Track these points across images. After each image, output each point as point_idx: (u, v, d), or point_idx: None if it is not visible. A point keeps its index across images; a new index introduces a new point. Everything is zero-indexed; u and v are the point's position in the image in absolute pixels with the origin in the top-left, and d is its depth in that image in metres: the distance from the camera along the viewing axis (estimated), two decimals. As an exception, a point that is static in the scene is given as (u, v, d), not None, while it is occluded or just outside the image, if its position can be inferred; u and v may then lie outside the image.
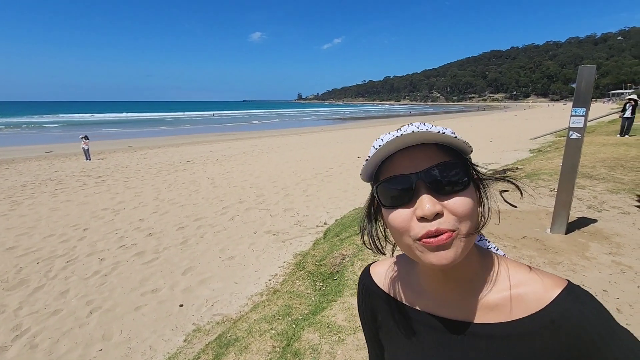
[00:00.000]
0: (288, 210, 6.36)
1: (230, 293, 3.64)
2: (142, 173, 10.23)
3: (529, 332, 0.48)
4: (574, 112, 3.56)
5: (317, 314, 2.34)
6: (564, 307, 0.46)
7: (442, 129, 0.47)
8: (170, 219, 6.05)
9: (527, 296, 0.49)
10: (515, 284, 0.50)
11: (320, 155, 12.57)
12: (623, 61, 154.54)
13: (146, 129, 31.45)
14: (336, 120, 44.18)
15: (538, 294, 0.48)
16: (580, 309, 0.46)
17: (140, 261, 4.46)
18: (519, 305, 0.49)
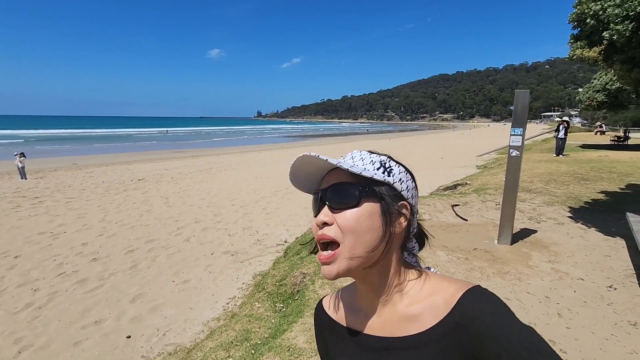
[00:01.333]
0: (247, 229, 6.19)
1: (184, 320, 3.42)
2: (87, 193, 9.46)
3: (441, 336, 0.51)
4: (513, 132, 3.90)
5: (277, 337, 2.26)
6: (464, 308, 0.50)
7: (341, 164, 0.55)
8: (118, 241, 5.62)
9: (438, 303, 0.53)
10: (430, 293, 0.55)
11: (281, 173, 12.50)
12: (551, 87, 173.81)
13: (94, 146, 29.36)
14: (296, 138, 44.45)
15: (446, 299, 0.52)
16: (478, 307, 0.49)
17: (81, 290, 4.06)
18: (431, 313, 0.53)
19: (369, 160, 0.58)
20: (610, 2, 3.46)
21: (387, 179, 0.55)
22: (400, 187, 0.56)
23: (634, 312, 2.70)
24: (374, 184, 0.55)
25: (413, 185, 0.59)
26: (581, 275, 3.31)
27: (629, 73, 4.01)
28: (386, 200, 0.54)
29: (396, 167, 0.58)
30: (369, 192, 0.54)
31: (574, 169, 9.41)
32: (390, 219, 0.54)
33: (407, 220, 0.56)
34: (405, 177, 0.58)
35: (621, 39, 3.42)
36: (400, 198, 0.56)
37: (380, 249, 0.54)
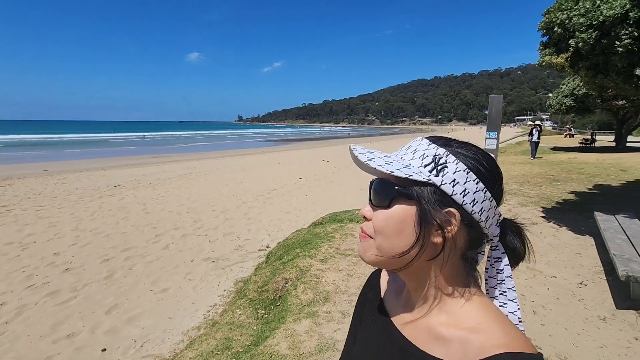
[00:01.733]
0: (228, 234, 6.09)
1: (163, 330, 3.32)
2: (59, 200, 9.07)
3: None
4: (488, 135, 4.03)
5: (259, 344, 2.23)
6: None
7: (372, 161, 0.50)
8: (93, 250, 5.41)
9: (472, 343, 0.46)
10: (473, 326, 0.47)
11: (262, 177, 12.41)
12: (523, 92, 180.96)
13: (67, 151, 28.21)
14: (277, 142, 44.28)
15: (482, 346, 0.45)
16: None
17: (53, 302, 3.87)
18: (461, 349, 0.46)
19: (420, 153, 0.50)
20: (575, 12, 3.65)
21: (432, 179, 0.48)
22: (451, 189, 0.47)
23: (602, 307, 2.83)
24: (413, 184, 0.49)
25: (479, 188, 0.48)
26: (554, 273, 3.44)
27: (594, 79, 4.23)
28: (423, 204, 0.48)
29: (453, 164, 0.48)
30: (403, 193, 0.49)
31: (546, 171, 9.81)
32: (427, 226, 0.48)
33: (456, 229, 0.48)
34: (465, 177, 0.48)
35: (585, 46, 3.61)
36: (451, 203, 0.48)
37: (409, 255, 0.49)
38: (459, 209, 0.48)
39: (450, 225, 0.48)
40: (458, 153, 0.49)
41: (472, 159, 0.49)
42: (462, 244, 0.50)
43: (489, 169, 0.50)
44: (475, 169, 0.49)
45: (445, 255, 0.49)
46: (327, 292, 2.88)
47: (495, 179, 0.50)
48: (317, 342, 2.22)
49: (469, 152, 0.50)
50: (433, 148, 0.50)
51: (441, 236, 0.48)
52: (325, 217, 5.43)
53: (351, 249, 3.90)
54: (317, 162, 17.14)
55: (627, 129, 17.46)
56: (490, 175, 0.50)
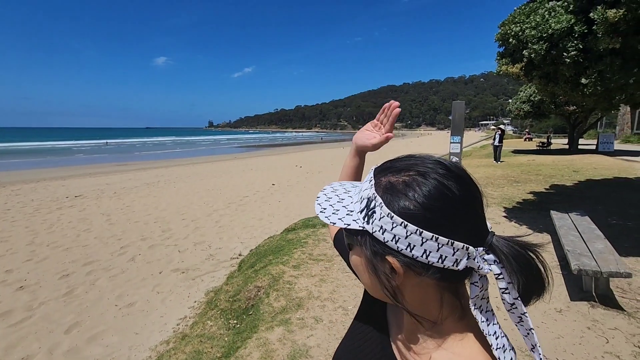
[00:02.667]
0: (199, 244, 5.93)
1: (129, 347, 3.16)
2: (12, 213, 8.45)
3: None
4: (452, 140, 4.21)
5: (230, 355, 2.19)
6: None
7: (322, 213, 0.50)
8: (51, 266, 5.08)
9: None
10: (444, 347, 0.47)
11: (234, 184, 12.20)
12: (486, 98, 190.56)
13: (21, 160, 26.35)
14: (250, 148, 43.72)
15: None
16: None
17: (4, 324, 3.58)
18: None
19: (360, 195, 0.48)
20: (527, 25, 3.92)
21: (365, 226, 0.45)
22: (382, 237, 0.43)
23: (559, 300, 3.01)
24: (355, 232, 0.47)
25: (409, 231, 0.42)
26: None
27: (546, 87, 4.55)
28: (366, 253, 0.46)
29: (379, 208, 0.44)
30: (352, 240, 0.49)
31: (508, 173, 10.35)
32: (377, 272, 0.45)
33: (400, 278, 0.44)
34: (390, 223, 0.42)
35: (537, 57, 3.88)
36: (387, 250, 0.44)
37: (381, 294, 0.48)
38: (396, 256, 0.43)
39: (393, 274, 0.44)
40: (390, 191, 0.44)
41: (404, 197, 0.43)
42: (431, 282, 0.45)
43: (429, 203, 0.42)
44: (401, 211, 0.42)
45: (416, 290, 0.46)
46: (300, 298, 2.87)
47: (441, 214, 0.42)
48: (290, 350, 2.21)
49: (405, 187, 0.44)
50: (369, 187, 0.47)
51: (388, 281, 0.45)
52: (298, 223, 5.42)
53: (324, 254, 3.92)
54: (290, 168, 17.10)
55: (579, 132, 18.81)
56: (431, 211, 0.42)
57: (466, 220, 0.43)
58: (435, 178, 0.44)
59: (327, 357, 2.19)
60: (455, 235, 0.42)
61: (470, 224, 0.44)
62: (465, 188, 0.44)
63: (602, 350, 2.36)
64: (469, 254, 0.43)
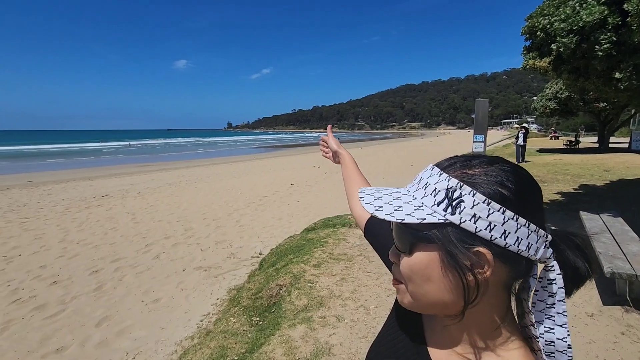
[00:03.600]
0: (220, 242, 6.04)
1: (155, 341, 3.26)
2: (44, 212, 8.87)
3: None
4: (475, 139, 4.11)
5: (254, 351, 2.22)
6: None
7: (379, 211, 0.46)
8: (81, 262, 5.30)
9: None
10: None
11: (253, 184, 12.36)
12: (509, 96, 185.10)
13: (51, 162, 27.64)
14: (268, 148, 44.21)
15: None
16: None
17: (40, 316, 3.77)
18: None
19: (432, 188, 0.44)
20: (557, 17, 3.78)
21: (449, 217, 0.42)
22: (473, 226, 0.41)
23: (590, 304, 2.89)
24: (430, 227, 0.43)
25: (507, 217, 0.41)
26: (543, 272, 3.50)
27: (575, 82, 4.37)
28: (446, 247, 0.42)
29: (470, 196, 0.41)
30: (422, 237, 0.44)
31: (533, 172, 9.97)
32: (456, 270, 0.42)
33: (488, 271, 0.41)
34: (487, 210, 0.41)
35: (567, 51, 3.73)
36: (477, 240, 0.41)
37: (449, 302, 0.44)
38: (488, 246, 0.41)
39: (482, 267, 0.42)
40: (473, 180, 0.43)
41: (493, 184, 0.42)
42: (505, 278, 0.44)
43: (517, 189, 0.42)
44: (498, 196, 0.41)
45: (485, 297, 0.44)
46: (321, 297, 2.88)
47: (528, 199, 0.43)
48: (312, 348, 2.22)
49: (488, 176, 0.43)
50: (444, 179, 0.44)
51: (464, 279, 0.42)
52: (317, 223, 5.44)
53: (344, 254, 3.91)
54: (308, 168, 17.16)
55: (609, 130, 17.99)
56: (520, 196, 0.42)
57: (542, 209, 0.44)
58: (510, 166, 0.45)
59: (349, 355, 2.18)
60: (539, 223, 0.43)
61: (543, 213, 0.44)
62: (534, 180, 0.46)
63: (638, 357, 2.25)
64: (546, 242, 0.43)
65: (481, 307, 0.44)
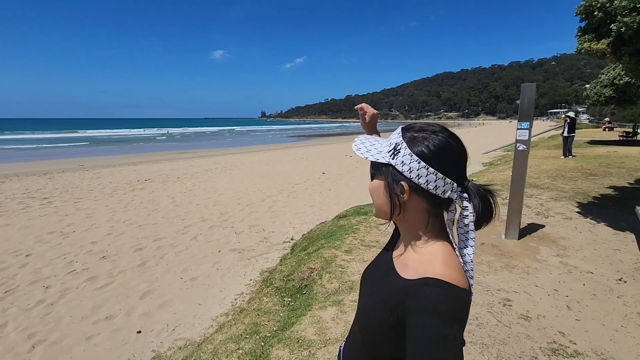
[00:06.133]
0: (253, 227, 6.22)
1: (193, 315, 3.45)
2: (94, 193, 9.57)
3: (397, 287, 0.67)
4: (520, 126, 3.88)
5: (286, 329, 2.28)
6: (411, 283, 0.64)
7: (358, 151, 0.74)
8: (127, 240, 5.68)
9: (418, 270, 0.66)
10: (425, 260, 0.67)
11: (285, 172, 12.54)
12: (557, 84, 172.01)
13: (100, 147, 29.63)
14: (300, 138, 44.48)
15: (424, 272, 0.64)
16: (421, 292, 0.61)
17: (92, 287, 4.11)
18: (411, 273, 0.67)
19: (389, 141, 0.72)
20: (618, -6, 3.43)
21: (390, 161, 0.68)
22: (401, 168, 0.66)
23: (644, 304, 2.68)
24: (381, 165, 0.70)
25: (421, 166, 0.64)
26: (590, 269, 3.28)
27: (637, 66, 3.97)
28: (387, 178, 0.69)
29: (404, 149, 0.66)
30: (377, 170, 0.72)
31: (582, 165, 9.32)
32: (391, 192, 0.68)
33: (405, 196, 0.67)
34: (409, 159, 0.65)
35: (629, 31, 3.39)
36: (402, 177, 0.66)
37: (386, 211, 0.70)
38: (407, 181, 0.66)
39: (403, 194, 0.67)
40: (413, 140, 0.66)
41: (422, 145, 0.65)
42: (424, 205, 0.68)
43: (436, 151, 0.65)
44: (418, 152, 0.65)
45: (410, 212, 0.69)
46: (352, 281, 2.89)
47: (441, 158, 0.65)
48: (342, 329, 2.24)
49: (424, 139, 0.66)
50: (398, 137, 0.69)
51: (393, 197, 0.68)
52: (349, 210, 5.43)
53: (376, 241, 3.89)
54: (340, 158, 17.11)
55: (674, 120, 16.22)
56: (436, 155, 0.64)
57: (457, 168, 0.66)
58: (443, 136, 0.66)
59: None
60: (449, 175, 0.65)
61: (458, 170, 0.66)
62: (459, 147, 0.67)
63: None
64: (452, 188, 0.66)
65: (408, 222, 0.71)
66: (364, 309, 0.78)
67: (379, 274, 0.78)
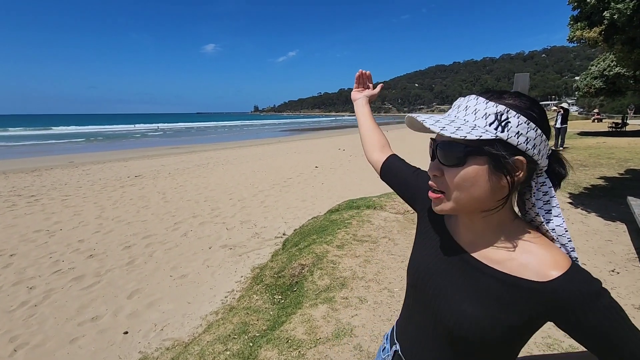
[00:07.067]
0: (245, 222, 6.13)
1: (182, 314, 3.37)
2: (83, 190, 9.37)
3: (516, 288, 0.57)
4: (512, 117, 3.83)
5: (275, 329, 2.21)
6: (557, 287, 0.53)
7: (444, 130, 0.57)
8: (115, 237, 5.56)
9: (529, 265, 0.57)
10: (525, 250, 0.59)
11: (278, 166, 12.42)
12: (547, 76, 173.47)
13: (90, 144, 29.13)
14: (293, 132, 44.22)
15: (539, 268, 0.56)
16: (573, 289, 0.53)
17: (78, 287, 4.00)
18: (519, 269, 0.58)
19: (482, 113, 0.57)
20: (611, -19, 3.37)
21: (499, 135, 0.55)
22: (516, 141, 0.55)
23: (637, 295, 2.66)
24: (482, 143, 0.56)
25: (536, 134, 0.56)
26: (583, 260, 3.27)
27: (630, 54, 3.94)
28: (495, 158, 0.56)
29: (515, 118, 0.55)
30: (475, 151, 0.56)
31: (573, 156, 9.37)
32: (502, 174, 0.56)
33: (523, 173, 0.57)
34: (526, 128, 0.55)
35: (622, 18, 3.34)
36: (517, 152, 0.56)
37: (487, 202, 0.59)
38: (524, 155, 0.56)
39: (519, 171, 0.57)
40: (515, 107, 0.56)
41: (527, 109, 0.56)
42: (522, 180, 0.58)
43: (539, 112, 0.58)
44: (532, 118, 0.56)
45: (512, 194, 0.60)
46: (344, 277, 2.83)
47: (544, 119, 0.58)
48: (334, 328, 2.18)
49: (523, 104, 0.57)
50: (492, 106, 0.57)
51: (508, 181, 0.57)
52: (341, 204, 5.37)
53: (368, 236, 3.83)
54: (333, 151, 17.03)
55: (662, 111, 16.41)
56: (541, 117, 0.57)
57: (548, 128, 0.60)
58: (533, 99, 0.60)
59: (371, 337, 2.13)
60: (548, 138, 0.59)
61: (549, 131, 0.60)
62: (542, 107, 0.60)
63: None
64: (547, 153, 0.60)
65: (509, 204, 0.62)
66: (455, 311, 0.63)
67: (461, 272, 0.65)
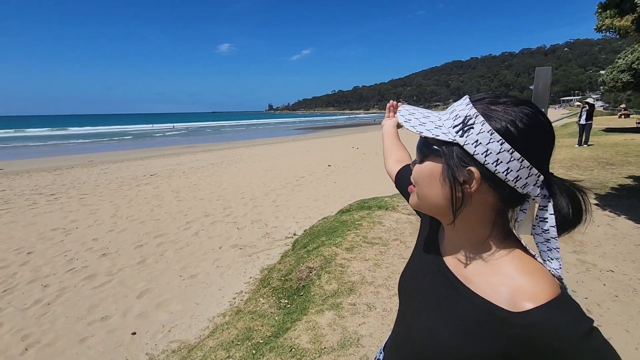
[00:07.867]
0: (256, 222, 6.09)
1: (190, 316, 3.34)
2: (100, 189, 9.57)
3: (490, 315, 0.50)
4: (533, 114, 3.62)
5: (279, 336, 2.13)
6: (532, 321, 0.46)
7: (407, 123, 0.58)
8: (128, 236, 5.62)
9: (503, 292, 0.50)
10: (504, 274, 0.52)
11: (291, 165, 12.38)
12: (570, 70, 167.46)
13: (109, 143, 29.89)
14: (307, 130, 44.16)
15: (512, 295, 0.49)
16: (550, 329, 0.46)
17: (90, 285, 4.04)
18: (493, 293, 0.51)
19: (455, 114, 0.54)
20: (643, -34, 3.11)
21: (457, 139, 0.51)
22: (473, 149, 0.50)
23: (672, 306, 2.45)
24: (441, 143, 0.53)
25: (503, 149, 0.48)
26: (610, 267, 3.06)
27: (663, 45, 3.65)
28: (449, 162, 0.52)
29: (479, 125, 0.50)
30: (433, 150, 0.55)
31: (598, 154, 8.95)
32: (454, 180, 0.52)
33: (474, 187, 0.51)
34: (488, 138, 0.49)
35: (656, 6, 3.09)
36: (472, 162, 0.50)
37: (439, 204, 0.55)
38: (480, 168, 0.50)
39: (471, 183, 0.51)
40: (491, 113, 0.50)
41: (505, 120, 0.49)
42: (492, 200, 0.52)
43: (525, 129, 0.49)
44: (503, 130, 0.49)
45: (472, 208, 0.53)
46: (352, 282, 2.72)
47: (532, 140, 0.49)
48: (340, 337, 2.09)
49: (506, 113, 0.49)
50: (468, 108, 0.52)
51: (461, 190, 0.52)
52: (353, 205, 5.25)
53: (379, 238, 3.71)
54: (346, 149, 16.87)
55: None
56: (525, 136, 0.49)
57: (545, 155, 0.51)
58: (531, 110, 0.50)
59: (379, 348, 2.02)
60: (535, 163, 0.50)
61: (546, 159, 0.51)
62: (551, 129, 0.51)
63: None
64: (536, 181, 0.51)
65: (471, 221, 0.55)
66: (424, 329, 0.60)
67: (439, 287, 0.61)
